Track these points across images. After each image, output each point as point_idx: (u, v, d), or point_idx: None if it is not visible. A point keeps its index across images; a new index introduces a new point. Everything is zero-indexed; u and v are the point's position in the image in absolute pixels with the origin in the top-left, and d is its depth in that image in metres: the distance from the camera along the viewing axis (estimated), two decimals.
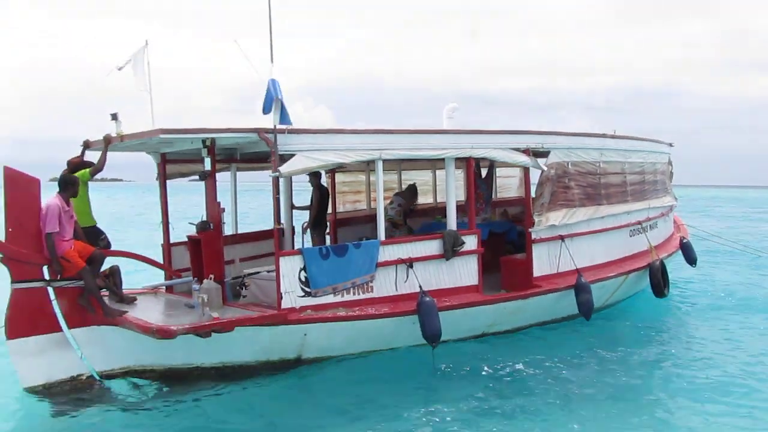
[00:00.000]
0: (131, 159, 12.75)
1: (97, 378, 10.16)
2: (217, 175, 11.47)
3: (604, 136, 14.44)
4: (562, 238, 12.97)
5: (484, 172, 15.29)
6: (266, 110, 10.10)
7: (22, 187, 9.71)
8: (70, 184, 10.16)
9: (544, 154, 12.99)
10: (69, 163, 11.23)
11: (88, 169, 10.89)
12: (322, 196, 14.58)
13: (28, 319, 9.78)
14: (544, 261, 12.79)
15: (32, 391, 9.75)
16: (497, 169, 16.62)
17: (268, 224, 11.44)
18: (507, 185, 19.18)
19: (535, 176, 13.11)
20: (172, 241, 12.52)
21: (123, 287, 10.99)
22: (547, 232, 12.73)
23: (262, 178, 12.69)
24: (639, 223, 15.54)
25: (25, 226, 9.70)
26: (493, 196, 16.91)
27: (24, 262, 9.72)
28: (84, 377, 10.10)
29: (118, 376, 10.29)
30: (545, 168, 12.66)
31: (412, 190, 15.22)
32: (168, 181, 12.50)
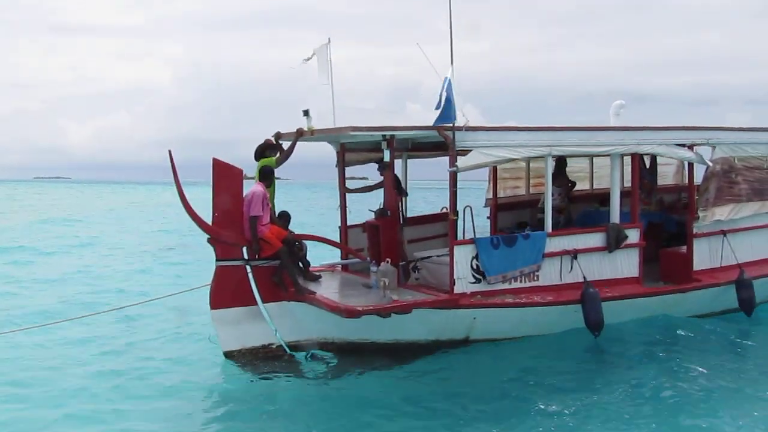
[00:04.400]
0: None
1: (286, 348, 11.36)
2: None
3: None
4: (724, 233, 13.07)
5: (647, 161, 15.41)
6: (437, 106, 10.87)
7: (228, 176, 10.98)
8: (272, 174, 11.33)
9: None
10: (258, 147, 12.29)
11: (273, 158, 11.93)
12: (397, 186, 13.02)
13: (229, 293, 11.12)
14: (704, 255, 12.94)
15: (229, 355, 11.16)
16: None
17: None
18: (663, 173, 19.11)
19: (699, 170, 13.22)
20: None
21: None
22: (710, 226, 12.88)
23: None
24: None
25: (229, 212, 10.97)
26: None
27: (227, 243, 11.02)
28: (274, 346, 11.37)
29: (303, 346, 11.48)
30: (710, 163, 12.77)
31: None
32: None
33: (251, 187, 11.07)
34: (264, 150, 12.08)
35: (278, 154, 12.08)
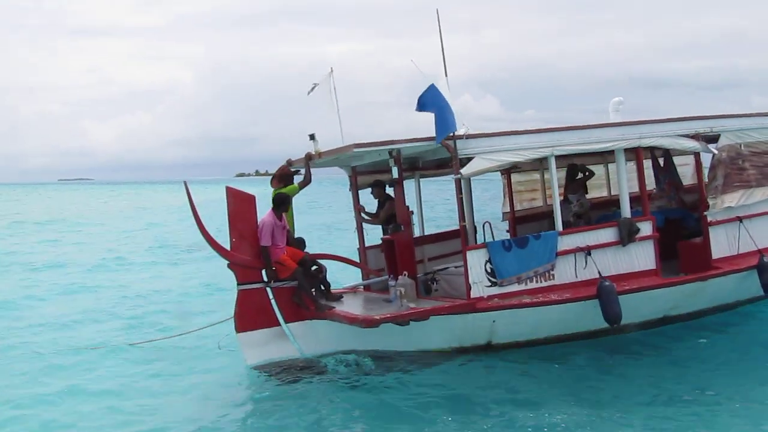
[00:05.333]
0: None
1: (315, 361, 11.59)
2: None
3: None
4: (740, 219, 13.07)
5: (662, 162, 15.50)
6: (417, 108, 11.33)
7: (241, 203, 11.44)
8: (284, 203, 11.73)
9: (714, 137, 13.15)
10: (280, 170, 12.67)
11: (296, 185, 12.35)
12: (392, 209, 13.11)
13: (252, 315, 11.49)
14: (722, 243, 12.89)
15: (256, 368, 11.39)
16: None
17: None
18: (681, 173, 19.13)
19: (706, 159, 13.30)
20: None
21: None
22: (724, 214, 12.88)
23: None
24: None
25: (245, 237, 11.43)
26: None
27: (246, 267, 11.41)
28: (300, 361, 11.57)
29: None
30: (716, 152, 12.85)
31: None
32: None
33: (263, 216, 11.49)
34: (287, 178, 12.42)
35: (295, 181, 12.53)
